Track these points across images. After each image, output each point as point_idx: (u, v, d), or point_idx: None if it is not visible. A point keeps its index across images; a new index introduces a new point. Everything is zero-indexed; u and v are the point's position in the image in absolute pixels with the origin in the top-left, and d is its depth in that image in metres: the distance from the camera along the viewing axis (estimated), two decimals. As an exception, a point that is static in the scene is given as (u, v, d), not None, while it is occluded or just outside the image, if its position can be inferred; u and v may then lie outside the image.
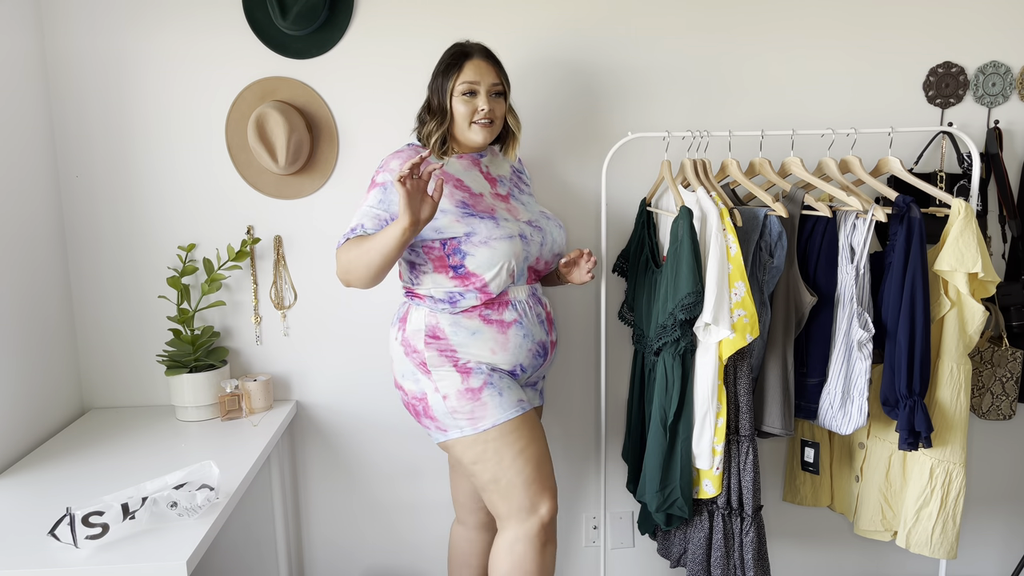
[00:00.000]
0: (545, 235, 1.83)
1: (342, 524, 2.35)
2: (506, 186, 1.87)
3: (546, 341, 1.84)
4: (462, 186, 1.77)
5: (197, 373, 2.07)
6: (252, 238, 2.17)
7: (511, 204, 1.83)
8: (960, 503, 1.89)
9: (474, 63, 1.76)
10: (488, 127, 1.77)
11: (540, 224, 1.83)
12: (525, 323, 1.78)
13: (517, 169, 1.96)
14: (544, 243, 1.83)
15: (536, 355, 1.82)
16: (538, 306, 1.83)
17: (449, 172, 1.78)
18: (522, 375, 1.82)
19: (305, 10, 2.02)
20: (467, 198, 1.76)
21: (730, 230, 1.76)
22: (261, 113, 2.02)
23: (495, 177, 1.86)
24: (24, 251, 1.95)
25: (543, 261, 1.84)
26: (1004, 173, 2.18)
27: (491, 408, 1.71)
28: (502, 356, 1.76)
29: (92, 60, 2.06)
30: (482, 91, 1.75)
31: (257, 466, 1.81)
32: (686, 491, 1.86)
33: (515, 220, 1.78)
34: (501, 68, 1.81)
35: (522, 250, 1.75)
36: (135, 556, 1.37)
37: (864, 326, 1.81)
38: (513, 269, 1.74)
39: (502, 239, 1.72)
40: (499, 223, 1.74)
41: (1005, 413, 2.18)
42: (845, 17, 2.18)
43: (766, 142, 2.02)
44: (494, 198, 1.81)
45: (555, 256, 1.87)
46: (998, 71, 2.21)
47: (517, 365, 1.79)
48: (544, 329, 1.83)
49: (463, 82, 1.74)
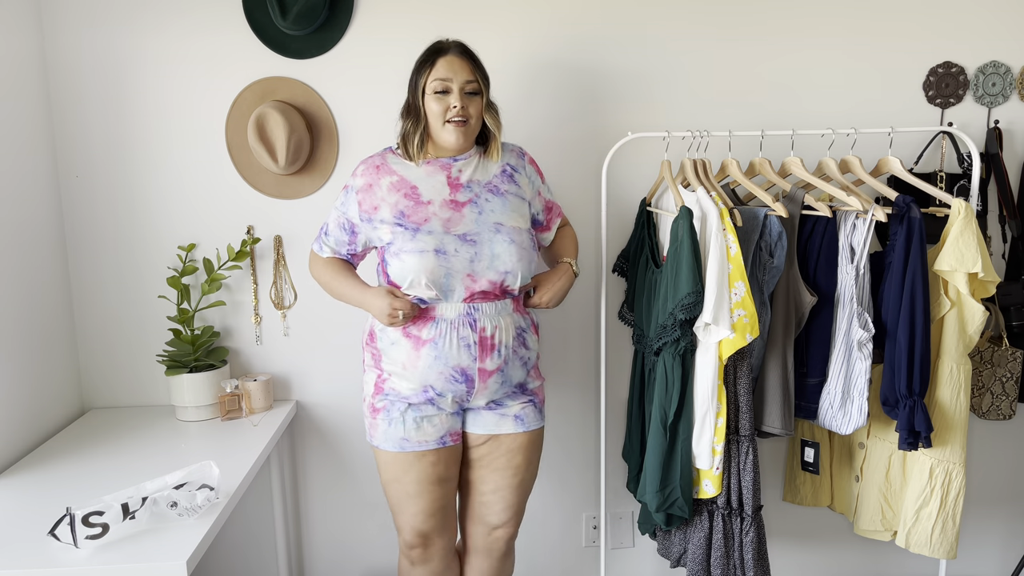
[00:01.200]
0: (480, 250, 1.69)
1: (342, 524, 2.35)
2: (472, 192, 1.74)
3: (470, 368, 1.70)
4: (413, 194, 1.73)
5: (197, 373, 2.07)
6: (252, 238, 2.17)
7: (461, 213, 1.71)
8: (960, 503, 1.89)
9: (447, 59, 1.70)
10: (462, 126, 1.70)
11: (477, 238, 1.70)
12: (441, 344, 1.69)
13: (511, 169, 1.81)
14: (476, 259, 1.68)
15: (452, 380, 1.70)
16: (467, 328, 1.69)
17: (407, 178, 1.74)
18: (441, 399, 1.74)
19: (305, 10, 2.02)
20: (408, 207, 1.71)
21: (730, 230, 1.76)
22: (261, 113, 2.02)
23: (463, 183, 1.74)
24: (24, 251, 1.95)
25: (483, 279, 1.69)
26: (1004, 173, 2.18)
27: (378, 431, 1.79)
28: (411, 373, 1.72)
29: (92, 60, 2.06)
30: (455, 88, 1.69)
31: (257, 466, 1.81)
32: (686, 491, 1.86)
33: (442, 233, 1.69)
34: (478, 65, 1.73)
35: (438, 265, 1.66)
36: (135, 556, 1.37)
37: (864, 326, 1.81)
38: (430, 284, 1.66)
39: (412, 252, 1.67)
40: (416, 236, 1.68)
41: (1005, 413, 2.18)
42: (845, 17, 2.18)
43: (766, 142, 2.02)
44: (443, 206, 1.71)
45: (503, 274, 1.70)
46: (998, 71, 2.21)
47: (427, 386, 1.72)
48: (471, 355, 1.70)
49: (435, 79, 1.69)
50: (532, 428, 1.83)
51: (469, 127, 1.72)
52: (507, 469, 1.83)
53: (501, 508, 1.86)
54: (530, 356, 1.82)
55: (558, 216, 1.94)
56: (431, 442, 1.76)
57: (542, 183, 1.89)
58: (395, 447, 1.76)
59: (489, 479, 1.84)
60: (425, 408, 1.75)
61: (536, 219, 1.87)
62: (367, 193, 1.75)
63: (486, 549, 1.92)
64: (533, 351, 1.83)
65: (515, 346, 1.76)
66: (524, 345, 1.79)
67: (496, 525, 1.88)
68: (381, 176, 1.76)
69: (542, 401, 1.89)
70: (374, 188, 1.75)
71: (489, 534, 1.90)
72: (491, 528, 1.89)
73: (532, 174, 1.86)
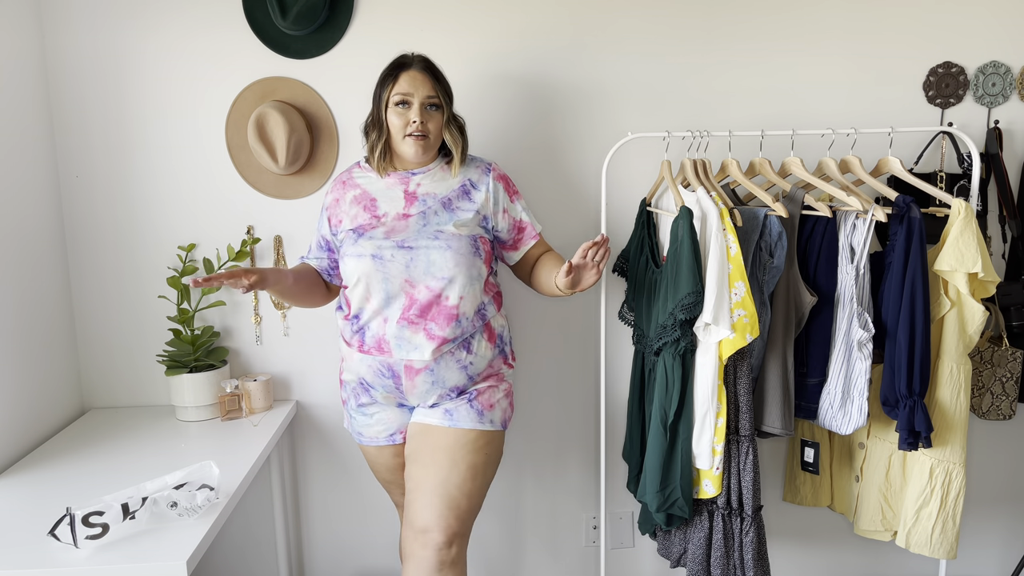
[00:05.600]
0: (415, 256, 1.72)
1: (342, 524, 2.35)
2: (424, 205, 1.78)
3: (395, 364, 1.74)
4: (371, 206, 1.81)
5: (197, 373, 2.07)
6: (252, 238, 2.17)
7: (406, 223, 1.76)
8: (960, 503, 1.89)
9: (409, 74, 1.74)
10: (421, 140, 1.74)
11: (414, 244, 1.73)
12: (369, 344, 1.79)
13: (469, 184, 1.82)
14: (412, 264, 1.72)
15: (379, 374, 1.77)
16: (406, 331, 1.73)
17: (368, 191, 1.82)
18: (374, 391, 1.82)
19: (305, 10, 2.02)
20: (366, 219, 1.79)
21: (730, 230, 1.76)
22: (261, 113, 2.02)
23: (419, 196, 1.79)
24: (24, 251, 1.95)
25: (421, 286, 1.72)
26: (1004, 173, 2.18)
27: (347, 422, 1.96)
28: (348, 364, 1.84)
29: (92, 60, 2.07)
30: (415, 103, 1.73)
31: (257, 466, 1.81)
32: (686, 491, 1.86)
33: (382, 239, 1.74)
34: (439, 81, 1.76)
35: (375, 270, 1.73)
36: (135, 556, 1.37)
37: (864, 326, 1.81)
38: (370, 287, 1.74)
39: (352, 256, 1.76)
40: (357, 241, 1.76)
41: (1005, 413, 2.18)
42: (845, 17, 2.18)
43: (766, 142, 2.02)
44: (394, 218, 1.77)
45: (442, 280, 1.71)
46: (998, 71, 2.21)
47: (361, 378, 1.82)
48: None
49: (396, 93, 1.73)
50: (460, 426, 1.75)
51: (428, 142, 1.77)
52: (430, 466, 1.72)
53: (421, 507, 1.70)
54: (472, 361, 1.78)
55: (532, 239, 1.89)
56: (381, 438, 1.88)
57: (511, 202, 1.86)
58: (356, 439, 1.93)
59: (412, 475, 1.75)
60: (365, 399, 1.86)
61: (498, 236, 1.86)
62: (335, 208, 1.86)
63: (416, 558, 1.69)
64: (481, 357, 1.79)
65: (451, 342, 1.74)
66: (466, 349, 1.77)
67: (421, 528, 1.69)
68: (346, 190, 1.86)
69: (488, 406, 1.79)
70: (340, 203, 1.85)
71: (415, 539, 1.70)
72: (418, 531, 1.70)
73: (496, 190, 1.84)
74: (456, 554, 1.69)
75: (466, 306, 1.75)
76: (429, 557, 1.67)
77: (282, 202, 2.17)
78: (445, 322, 1.72)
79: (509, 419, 1.87)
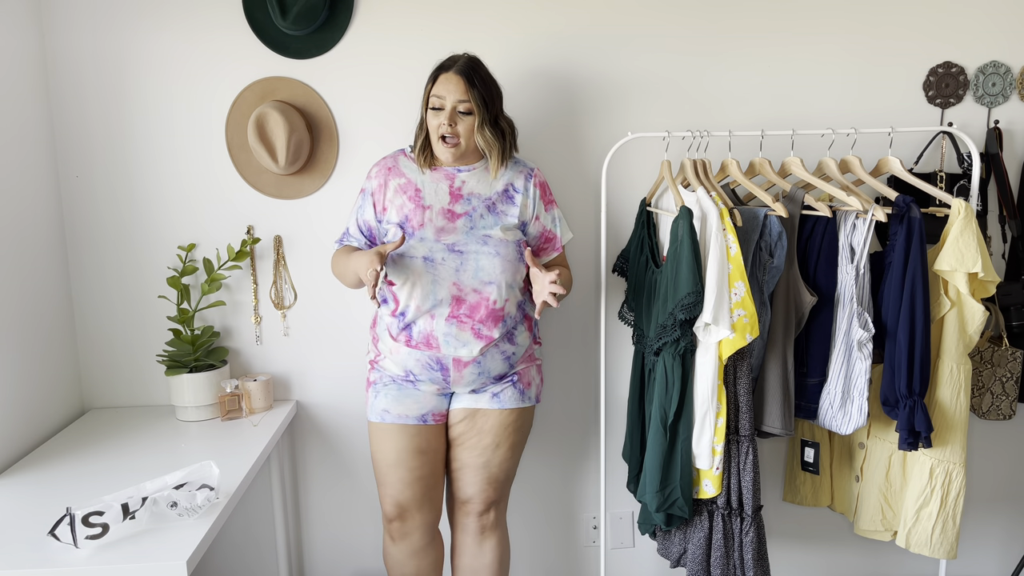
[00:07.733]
0: (465, 260, 1.78)
1: (342, 524, 2.35)
2: (469, 205, 1.82)
3: (444, 358, 1.81)
4: (416, 196, 1.82)
5: (197, 373, 2.07)
6: (252, 238, 2.17)
7: (454, 224, 1.80)
8: (960, 503, 1.89)
9: (445, 78, 1.76)
10: (450, 146, 1.78)
11: (464, 249, 1.79)
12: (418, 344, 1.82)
13: (512, 189, 1.86)
14: (462, 269, 1.78)
15: (428, 368, 1.83)
16: (456, 328, 1.80)
17: (413, 180, 1.84)
18: (420, 382, 1.86)
19: (305, 10, 2.02)
20: (411, 211, 1.81)
21: (730, 230, 1.76)
22: (261, 113, 2.02)
23: (464, 195, 1.83)
24: (24, 251, 1.95)
25: (468, 288, 1.79)
26: (1004, 173, 2.18)
27: (369, 404, 1.94)
28: (395, 358, 1.86)
29: (92, 60, 2.06)
30: (447, 107, 1.75)
31: (257, 466, 1.81)
32: (686, 491, 1.86)
33: (433, 241, 1.78)
34: (476, 86, 1.75)
35: (425, 271, 1.77)
36: (135, 556, 1.37)
37: (864, 326, 1.81)
38: (420, 286, 1.77)
39: (405, 256, 1.79)
40: (409, 241, 1.79)
41: (1005, 413, 2.18)
42: (845, 17, 2.18)
43: (766, 142, 2.02)
44: (440, 214, 1.80)
45: (487, 284, 1.79)
46: (998, 71, 2.21)
47: (408, 371, 1.86)
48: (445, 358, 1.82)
49: (433, 95, 1.78)
50: (506, 407, 1.88)
51: (459, 148, 1.79)
52: (475, 448, 1.90)
53: (465, 484, 1.93)
54: (515, 351, 1.88)
55: (556, 251, 1.95)
56: (411, 417, 1.88)
57: (545, 210, 1.91)
58: (378, 418, 1.89)
59: (458, 456, 1.93)
60: (407, 386, 1.88)
61: (529, 241, 1.90)
62: (380, 194, 1.87)
63: (461, 525, 1.99)
64: (521, 346, 1.90)
65: (497, 340, 1.83)
66: (510, 340, 1.86)
67: (463, 500, 1.95)
68: (391, 177, 1.87)
69: (527, 384, 1.92)
70: (385, 189, 1.87)
71: (460, 508, 1.97)
72: (460, 503, 1.96)
73: (535, 197, 1.89)
74: (495, 518, 1.98)
75: (511, 306, 1.84)
76: (472, 524, 1.96)
77: (282, 202, 2.17)
78: (492, 323, 1.81)
79: (541, 391, 2.00)
